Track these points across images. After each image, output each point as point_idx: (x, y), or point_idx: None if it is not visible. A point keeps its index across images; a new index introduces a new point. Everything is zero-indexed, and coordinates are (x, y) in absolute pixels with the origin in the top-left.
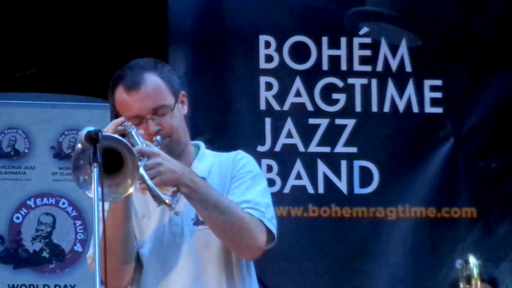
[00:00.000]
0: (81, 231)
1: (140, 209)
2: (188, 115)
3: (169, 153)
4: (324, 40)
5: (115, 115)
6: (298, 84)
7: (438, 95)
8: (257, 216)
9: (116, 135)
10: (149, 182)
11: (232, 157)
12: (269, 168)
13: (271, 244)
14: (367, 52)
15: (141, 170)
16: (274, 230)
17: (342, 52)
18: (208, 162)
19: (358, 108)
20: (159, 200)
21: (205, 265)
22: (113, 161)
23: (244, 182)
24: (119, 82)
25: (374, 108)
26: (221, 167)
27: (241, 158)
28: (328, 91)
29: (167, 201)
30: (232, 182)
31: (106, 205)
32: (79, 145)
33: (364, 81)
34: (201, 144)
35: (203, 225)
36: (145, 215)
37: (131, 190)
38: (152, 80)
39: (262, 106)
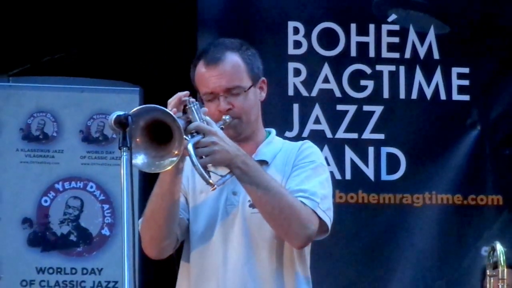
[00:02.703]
0: (109, 215)
1: (199, 185)
2: (266, 106)
3: (235, 134)
4: (353, 26)
5: (194, 89)
6: (326, 70)
7: (466, 82)
8: (310, 206)
9: (165, 109)
10: (194, 159)
11: (299, 145)
12: None
13: (323, 236)
14: (395, 39)
15: (190, 147)
16: (328, 221)
17: (370, 39)
18: (274, 148)
19: (385, 95)
20: (203, 178)
21: (257, 249)
22: (163, 133)
23: (304, 171)
24: (202, 56)
25: (402, 95)
26: (286, 154)
27: (307, 147)
28: (356, 77)
29: (210, 180)
30: (293, 170)
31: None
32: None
33: (392, 68)
34: (273, 131)
35: None
36: (203, 191)
37: (171, 165)
38: (232, 59)
39: (290, 92)
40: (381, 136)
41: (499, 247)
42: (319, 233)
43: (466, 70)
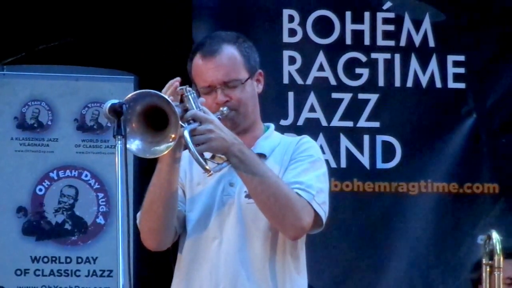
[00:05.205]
0: (104, 203)
1: (196, 177)
2: (261, 94)
3: (233, 126)
4: (348, 14)
5: (189, 78)
6: (321, 58)
7: (461, 70)
8: (305, 198)
9: (161, 93)
10: (191, 145)
11: (297, 140)
12: None
13: (317, 229)
14: (391, 27)
15: (186, 133)
16: (322, 215)
17: (366, 26)
18: (273, 142)
19: (381, 83)
20: (199, 164)
21: (251, 239)
22: (160, 119)
23: (302, 165)
24: (198, 48)
25: (397, 83)
26: (284, 148)
27: (306, 142)
28: (351, 65)
29: (207, 166)
30: (291, 163)
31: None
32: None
33: (387, 56)
34: (271, 126)
35: None
36: (200, 183)
37: (167, 150)
38: (229, 52)
39: (285, 80)
40: (376, 124)
41: (495, 236)
42: (313, 227)
43: (461, 58)
